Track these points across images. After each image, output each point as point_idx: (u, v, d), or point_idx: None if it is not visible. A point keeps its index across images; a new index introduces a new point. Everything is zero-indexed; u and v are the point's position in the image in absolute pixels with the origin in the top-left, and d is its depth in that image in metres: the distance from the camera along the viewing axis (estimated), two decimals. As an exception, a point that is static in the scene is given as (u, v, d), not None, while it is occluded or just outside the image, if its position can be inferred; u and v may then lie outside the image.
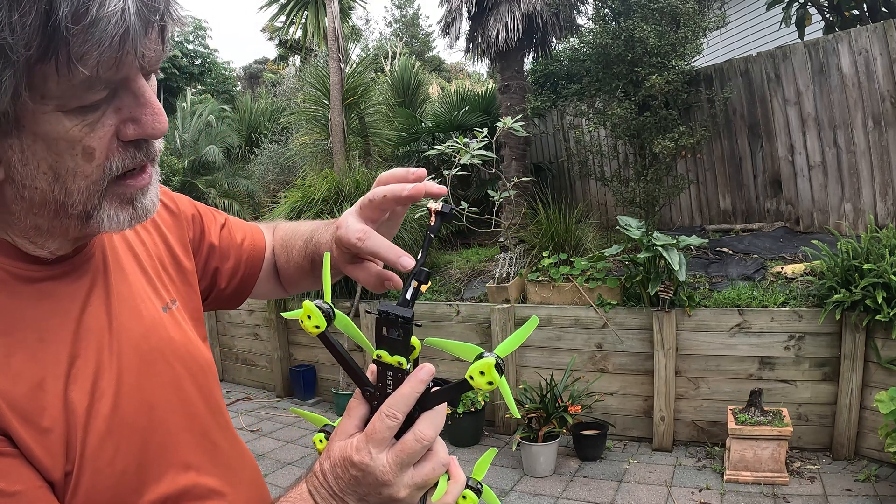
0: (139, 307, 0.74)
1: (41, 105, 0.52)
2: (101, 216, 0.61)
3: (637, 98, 5.13)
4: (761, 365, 3.84)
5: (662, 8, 5.04)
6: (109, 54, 0.50)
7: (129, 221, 0.63)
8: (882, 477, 3.36)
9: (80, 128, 0.54)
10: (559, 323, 4.40)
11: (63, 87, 0.51)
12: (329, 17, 6.53)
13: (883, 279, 3.40)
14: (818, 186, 5.08)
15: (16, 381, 0.58)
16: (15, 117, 0.52)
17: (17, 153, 0.55)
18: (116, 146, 0.58)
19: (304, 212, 5.44)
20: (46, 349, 0.61)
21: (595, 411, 4.20)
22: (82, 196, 0.58)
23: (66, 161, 0.56)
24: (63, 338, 0.64)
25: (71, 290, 0.66)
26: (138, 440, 0.67)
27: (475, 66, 20.86)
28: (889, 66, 4.56)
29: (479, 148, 4.50)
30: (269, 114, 11.62)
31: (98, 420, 0.63)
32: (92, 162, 0.57)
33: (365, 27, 27.34)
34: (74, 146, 0.55)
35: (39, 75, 0.50)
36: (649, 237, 3.97)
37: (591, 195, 6.78)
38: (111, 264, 0.73)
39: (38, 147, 0.55)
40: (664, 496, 3.43)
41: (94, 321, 0.67)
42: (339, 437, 0.64)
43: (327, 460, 0.63)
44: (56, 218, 0.60)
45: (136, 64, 0.54)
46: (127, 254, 0.78)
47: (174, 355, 0.75)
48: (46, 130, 0.54)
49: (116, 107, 0.56)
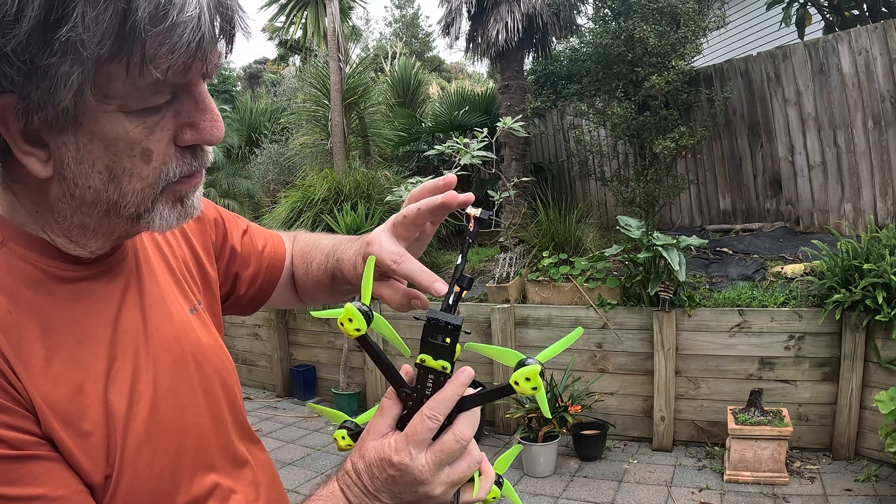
0: (170, 309, 0.74)
1: (103, 104, 0.51)
2: (153, 217, 0.60)
3: (637, 98, 5.13)
4: (761, 365, 3.84)
5: (662, 8, 5.04)
6: (183, 59, 0.50)
7: (177, 220, 0.62)
8: (882, 477, 3.36)
9: (141, 129, 0.54)
10: (559, 323, 4.40)
11: (129, 88, 0.51)
12: (329, 17, 6.54)
13: (883, 279, 3.40)
14: (818, 186, 5.08)
15: (56, 383, 0.58)
16: (74, 114, 0.51)
17: (71, 151, 0.54)
18: (174, 151, 0.57)
19: (304, 212, 5.44)
20: (85, 351, 0.61)
21: (595, 411, 4.20)
22: (136, 198, 0.58)
23: (123, 162, 0.55)
24: (101, 339, 0.63)
25: (107, 291, 0.66)
26: (174, 443, 0.67)
27: (475, 66, 20.85)
28: (889, 66, 4.56)
29: (479, 148, 4.50)
30: (269, 114, 11.62)
31: (137, 423, 0.63)
32: (149, 164, 0.56)
33: (365, 27, 27.34)
34: (133, 147, 0.54)
35: (106, 74, 0.49)
36: (649, 237, 3.97)
37: (591, 195, 6.78)
38: (143, 265, 0.73)
39: (94, 146, 0.54)
40: (664, 496, 3.43)
41: (130, 322, 0.67)
42: (373, 437, 0.64)
43: (361, 460, 0.63)
44: (106, 218, 0.59)
45: (199, 69, 0.54)
46: (156, 254, 0.78)
47: (203, 357, 0.75)
48: (106, 130, 0.53)
49: (176, 111, 0.56)
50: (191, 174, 0.61)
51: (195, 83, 0.56)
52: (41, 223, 0.61)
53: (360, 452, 0.64)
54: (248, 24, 0.58)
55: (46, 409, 0.56)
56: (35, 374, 0.57)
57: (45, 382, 0.57)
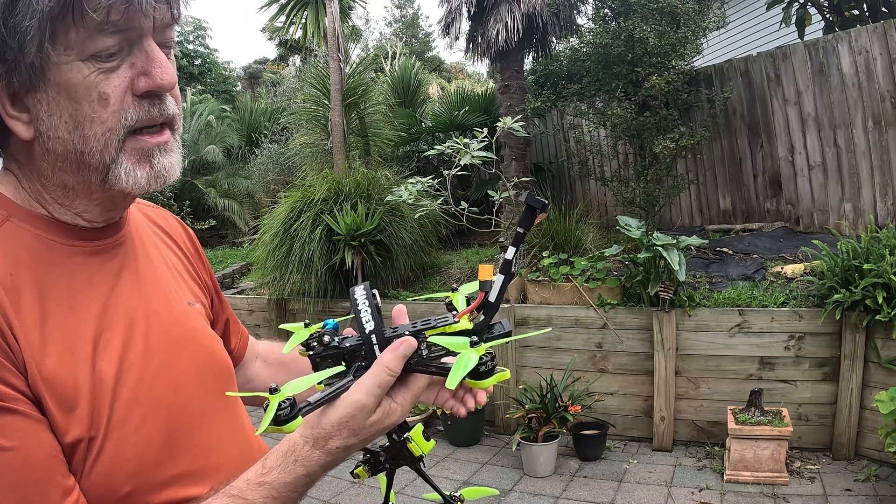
0: (169, 297, 0.79)
1: (63, 56, 0.60)
2: (119, 171, 0.65)
3: (637, 98, 5.13)
4: (761, 365, 3.84)
5: (662, 8, 5.03)
6: (117, 2, 0.58)
7: (146, 180, 0.66)
8: (882, 477, 3.36)
9: (97, 74, 0.61)
10: (559, 323, 4.39)
11: (81, 37, 0.59)
12: (329, 17, 6.53)
13: (883, 279, 3.39)
14: (818, 186, 5.08)
15: (47, 344, 0.62)
16: (41, 69, 0.60)
17: (43, 106, 0.62)
18: (132, 100, 0.64)
19: (304, 212, 5.44)
20: (76, 317, 0.66)
21: (595, 411, 4.20)
22: (99, 143, 0.63)
23: (83, 108, 0.62)
24: (91, 310, 0.68)
25: (102, 268, 0.71)
26: (164, 415, 0.69)
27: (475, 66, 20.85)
28: (889, 66, 4.56)
29: (479, 148, 4.50)
30: (269, 114, 11.62)
31: (125, 389, 0.66)
32: (107, 108, 0.62)
33: (365, 27, 27.33)
34: (91, 91, 0.61)
35: (61, 28, 0.58)
36: (649, 237, 3.97)
37: (591, 195, 6.77)
38: (141, 255, 0.78)
39: (60, 98, 0.62)
40: (664, 496, 3.43)
41: (124, 300, 0.72)
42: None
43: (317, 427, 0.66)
44: (79, 172, 0.65)
45: (146, 25, 0.62)
46: (157, 252, 0.84)
47: (200, 345, 0.79)
48: (67, 78, 0.61)
49: (130, 63, 0.63)
50: (152, 122, 0.66)
51: (145, 38, 0.63)
52: (37, 197, 0.68)
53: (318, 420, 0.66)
54: None
55: (36, 368, 0.60)
56: (29, 333, 0.61)
57: (38, 342, 0.61)
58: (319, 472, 0.64)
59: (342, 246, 5.17)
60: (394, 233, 5.38)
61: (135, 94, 0.64)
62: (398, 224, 5.44)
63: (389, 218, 5.42)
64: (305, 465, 0.63)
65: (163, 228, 0.90)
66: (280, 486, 0.62)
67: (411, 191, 4.73)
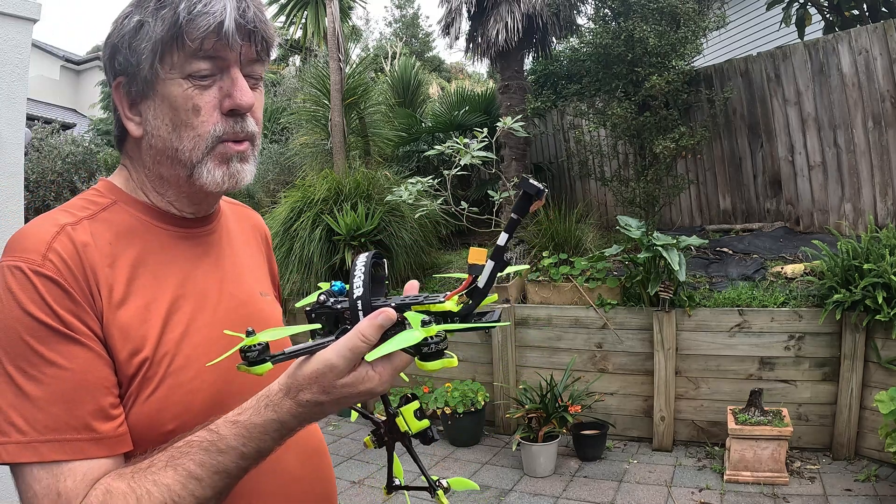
0: (243, 284, 0.94)
1: (168, 73, 0.78)
2: (202, 169, 0.82)
3: (637, 98, 5.13)
4: (761, 365, 3.84)
5: (662, 8, 5.03)
6: (210, 36, 0.76)
7: (222, 179, 0.83)
8: (882, 477, 3.36)
9: (193, 90, 0.79)
10: (559, 323, 4.39)
11: (182, 59, 0.77)
12: (329, 17, 6.53)
13: (883, 279, 3.39)
14: (818, 186, 5.08)
15: (128, 299, 0.78)
16: (152, 82, 0.79)
17: (151, 111, 0.81)
18: (220, 116, 0.81)
19: (304, 212, 5.44)
20: (158, 284, 0.82)
21: (595, 411, 4.20)
22: (189, 144, 0.80)
23: (180, 115, 0.79)
24: (171, 281, 0.83)
25: (186, 251, 0.88)
26: (216, 376, 0.81)
27: (475, 66, 20.84)
28: (889, 66, 4.56)
29: (479, 148, 4.50)
30: (269, 114, 11.60)
31: (188, 347, 0.80)
32: (198, 117, 0.80)
33: (365, 27, 27.32)
34: (187, 102, 0.79)
35: (168, 52, 0.77)
36: (649, 237, 3.97)
37: (591, 195, 6.77)
38: (225, 247, 0.95)
39: (164, 106, 0.80)
40: (664, 496, 3.43)
41: (201, 278, 0.87)
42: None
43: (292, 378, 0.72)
44: (172, 166, 0.83)
45: (232, 57, 0.79)
46: (244, 246, 1.01)
47: (264, 325, 0.85)
48: (170, 91, 0.79)
49: (220, 85, 0.80)
50: (235, 137, 0.82)
51: (232, 67, 0.80)
52: (141, 186, 0.86)
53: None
54: (270, 33, 0.82)
55: (112, 316, 0.76)
56: (115, 289, 0.77)
57: (120, 297, 0.77)
58: (292, 422, 0.69)
59: (342, 246, 5.17)
60: (394, 233, 5.38)
61: (222, 111, 0.81)
62: (398, 224, 5.44)
63: (389, 218, 5.42)
64: (276, 411, 0.68)
65: (254, 227, 1.09)
66: (251, 426, 0.68)
67: (411, 191, 4.73)
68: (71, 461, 0.69)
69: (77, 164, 10.13)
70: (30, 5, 2.03)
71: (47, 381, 0.69)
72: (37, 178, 9.80)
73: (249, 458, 0.69)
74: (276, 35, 0.84)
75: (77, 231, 0.77)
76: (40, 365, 0.69)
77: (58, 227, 0.77)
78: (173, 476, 0.67)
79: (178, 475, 0.67)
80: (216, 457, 0.68)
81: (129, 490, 0.67)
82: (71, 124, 13.73)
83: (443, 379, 4.80)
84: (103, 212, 0.82)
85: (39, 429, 0.68)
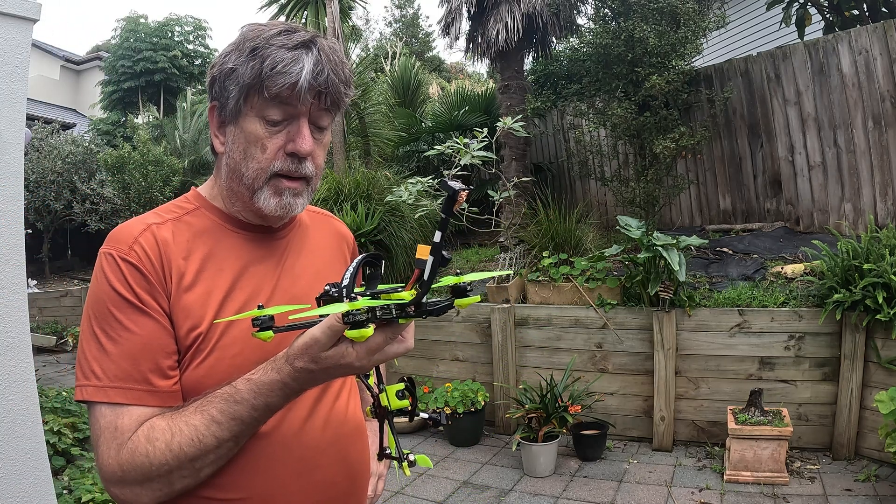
0: (298, 281, 1.07)
1: (249, 111, 0.96)
2: (261, 196, 0.98)
3: (637, 98, 5.13)
4: (761, 365, 3.84)
5: (662, 8, 5.03)
6: (286, 91, 0.92)
7: (275, 207, 0.99)
8: (882, 477, 3.36)
9: (264, 131, 0.96)
10: (559, 323, 4.40)
11: (260, 104, 0.94)
12: (329, 17, 6.53)
13: (883, 279, 3.39)
14: (818, 186, 5.08)
15: (195, 285, 0.95)
16: (236, 115, 0.97)
17: (230, 136, 0.99)
18: (283, 155, 0.97)
19: (304, 212, 5.43)
20: (221, 276, 0.98)
21: (595, 411, 4.20)
22: (252, 172, 0.97)
23: (251, 148, 0.97)
24: (232, 274, 0.99)
25: (251, 251, 1.04)
26: (259, 355, 0.91)
27: (475, 66, 20.85)
28: (889, 66, 4.56)
29: (479, 148, 4.50)
30: (269, 114, 11.59)
31: (235, 328, 0.95)
32: (264, 154, 0.96)
33: (365, 27, 27.33)
34: (258, 140, 0.96)
35: (251, 94, 0.94)
36: (649, 237, 3.97)
37: (591, 195, 6.78)
38: (291, 254, 1.09)
39: (241, 135, 0.97)
40: (664, 496, 3.43)
41: (259, 275, 1.02)
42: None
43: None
44: (239, 184, 1.00)
45: (302, 109, 0.95)
46: (319, 253, 1.15)
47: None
48: (247, 126, 0.96)
49: (287, 130, 0.97)
50: (290, 174, 0.98)
51: (301, 119, 0.96)
52: (220, 194, 1.05)
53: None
54: (337, 87, 0.96)
55: (179, 297, 0.93)
56: (185, 276, 0.94)
57: (189, 283, 0.94)
58: (292, 384, 0.83)
59: (342, 246, 5.16)
60: (394, 233, 5.38)
61: (285, 151, 0.97)
62: (398, 224, 5.44)
63: (389, 218, 5.42)
64: (279, 373, 0.82)
65: (337, 234, 1.24)
66: (260, 383, 0.84)
67: (411, 191, 4.73)
68: (130, 405, 0.88)
69: (77, 164, 10.14)
70: (30, 5, 2.03)
71: (121, 342, 0.88)
72: (37, 178, 9.80)
73: (259, 410, 0.84)
74: (349, 90, 0.99)
75: (161, 229, 0.97)
76: (118, 329, 0.89)
77: (145, 225, 0.97)
78: (200, 419, 0.85)
79: (203, 418, 0.85)
80: (233, 406, 0.84)
81: (167, 427, 0.85)
82: (71, 124, 13.74)
83: (443, 379, 4.80)
84: (187, 215, 1.02)
85: (111, 377, 0.87)
